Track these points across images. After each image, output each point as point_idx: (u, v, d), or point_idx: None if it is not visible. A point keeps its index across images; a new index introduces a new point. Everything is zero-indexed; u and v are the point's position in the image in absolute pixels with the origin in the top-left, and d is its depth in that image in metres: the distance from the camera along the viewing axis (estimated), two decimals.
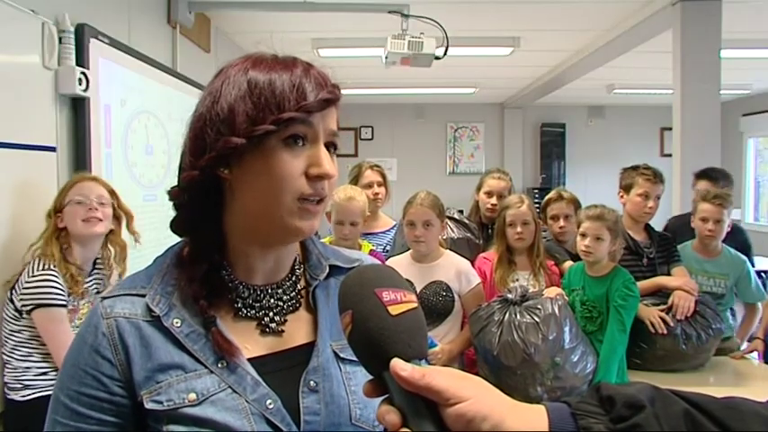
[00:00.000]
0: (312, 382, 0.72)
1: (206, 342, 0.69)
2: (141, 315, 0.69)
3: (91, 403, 0.67)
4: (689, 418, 0.50)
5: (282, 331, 0.75)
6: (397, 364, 0.51)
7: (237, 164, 0.69)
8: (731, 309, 2.80)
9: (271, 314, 0.75)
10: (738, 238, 2.91)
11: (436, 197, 2.39)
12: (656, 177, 2.62)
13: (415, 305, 0.56)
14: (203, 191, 0.71)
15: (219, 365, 0.69)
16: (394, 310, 0.54)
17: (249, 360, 0.71)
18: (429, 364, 0.54)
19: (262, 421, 0.67)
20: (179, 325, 0.69)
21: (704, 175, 3.08)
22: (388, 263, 2.45)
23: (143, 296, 0.70)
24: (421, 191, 2.42)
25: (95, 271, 2.11)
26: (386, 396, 0.53)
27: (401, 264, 2.40)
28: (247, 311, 0.74)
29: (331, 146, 0.72)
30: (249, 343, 0.73)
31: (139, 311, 0.70)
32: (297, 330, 0.76)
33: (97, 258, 2.12)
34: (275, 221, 0.70)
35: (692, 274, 2.61)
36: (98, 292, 2.06)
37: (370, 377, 0.55)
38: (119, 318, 0.69)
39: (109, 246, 2.14)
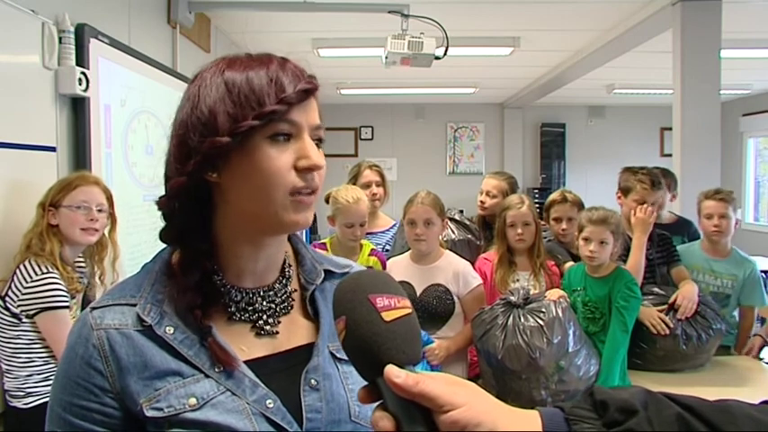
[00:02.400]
0: (313, 381, 0.73)
1: (201, 347, 0.69)
2: (132, 325, 0.69)
3: (83, 414, 0.67)
4: (682, 422, 0.50)
5: (277, 332, 0.76)
6: (391, 371, 0.51)
7: (225, 166, 0.69)
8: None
9: (264, 317, 0.75)
10: (689, 230, 2.89)
11: (437, 196, 2.40)
12: (654, 186, 2.57)
13: (409, 311, 0.56)
14: (193, 197, 0.71)
15: (216, 369, 0.69)
16: (387, 316, 0.54)
17: (246, 362, 0.71)
18: (428, 364, 0.55)
19: (263, 421, 0.68)
20: (172, 332, 0.69)
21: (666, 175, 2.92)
22: (388, 263, 2.47)
23: (133, 305, 0.70)
24: (421, 190, 2.42)
25: (77, 265, 2.05)
26: (380, 402, 0.53)
27: (400, 264, 2.40)
28: (241, 315, 0.74)
29: (316, 139, 0.72)
30: (245, 345, 0.73)
31: (130, 321, 0.69)
32: (292, 332, 0.77)
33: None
34: (270, 218, 0.70)
35: (698, 273, 2.60)
36: (85, 290, 2.03)
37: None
38: (109, 329, 0.69)
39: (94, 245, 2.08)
